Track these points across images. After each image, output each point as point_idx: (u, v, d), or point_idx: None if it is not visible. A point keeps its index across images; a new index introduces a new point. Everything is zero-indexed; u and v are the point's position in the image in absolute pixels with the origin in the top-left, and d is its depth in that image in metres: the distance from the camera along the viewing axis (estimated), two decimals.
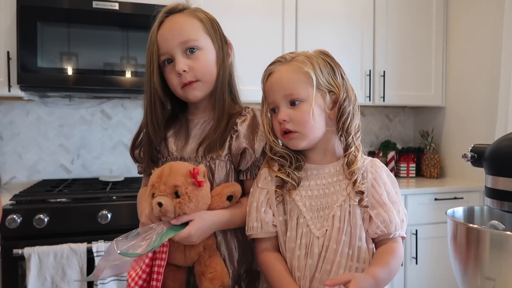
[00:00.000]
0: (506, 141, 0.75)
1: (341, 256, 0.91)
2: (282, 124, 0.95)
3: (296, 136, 0.95)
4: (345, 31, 2.63)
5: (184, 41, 1.02)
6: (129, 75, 2.16)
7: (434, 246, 2.44)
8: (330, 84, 0.96)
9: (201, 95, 1.05)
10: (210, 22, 1.07)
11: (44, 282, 1.74)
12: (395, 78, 2.75)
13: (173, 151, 1.07)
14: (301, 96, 0.93)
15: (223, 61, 1.07)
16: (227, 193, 0.99)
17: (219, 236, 1.03)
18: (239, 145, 1.02)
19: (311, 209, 0.95)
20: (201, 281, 0.97)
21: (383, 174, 0.99)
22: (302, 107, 0.94)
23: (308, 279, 0.92)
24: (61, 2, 2.07)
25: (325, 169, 0.98)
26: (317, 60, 0.96)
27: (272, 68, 0.98)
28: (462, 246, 0.75)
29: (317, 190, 0.96)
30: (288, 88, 0.94)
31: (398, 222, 0.95)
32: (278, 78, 0.96)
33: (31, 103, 2.43)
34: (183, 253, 0.97)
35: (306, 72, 0.93)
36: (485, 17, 2.57)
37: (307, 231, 0.93)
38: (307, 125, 0.94)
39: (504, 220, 0.83)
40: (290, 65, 0.96)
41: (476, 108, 2.64)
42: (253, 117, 1.06)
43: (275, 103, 0.96)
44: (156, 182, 0.94)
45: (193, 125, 1.09)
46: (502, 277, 0.69)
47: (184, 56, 1.02)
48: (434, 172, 2.85)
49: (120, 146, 2.58)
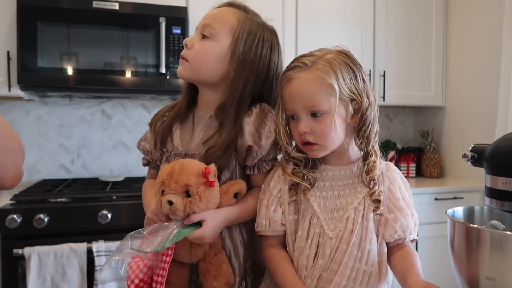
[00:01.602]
0: (506, 141, 0.75)
1: (349, 257, 0.91)
2: (303, 136, 0.92)
3: (316, 148, 0.93)
4: (345, 30, 2.63)
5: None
6: (129, 75, 2.16)
7: (434, 246, 2.44)
8: (352, 92, 0.92)
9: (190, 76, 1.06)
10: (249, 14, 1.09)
11: (44, 282, 1.74)
12: (395, 78, 2.75)
13: (178, 145, 1.07)
14: (323, 108, 0.90)
15: (244, 62, 1.05)
16: (233, 190, 0.99)
17: (224, 232, 1.02)
18: (244, 143, 1.01)
19: (325, 210, 0.94)
20: (206, 279, 0.97)
21: (398, 177, 0.99)
22: (324, 119, 0.91)
23: (316, 279, 0.92)
24: (61, 2, 2.07)
25: (340, 171, 0.97)
26: (339, 66, 0.91)
27: (292, 75, 0.92)
28: (462, 246, 0.75)
29: (332, 191, 0.96)
30: (310, 100, 0.90)
31: (412, 225, 0.96)
32: (299, 88, 0.91)
33: (31, 103, 2.43)
34: (188, 250, 0.97)
35: (329, 84, 0.89)
36: (485, 17, 2.57)
37: (321, 232, 0.93)
38: (328, 138, 0.92)
39: (504, 220, 0.83)
40: (311, 73, 0.90)
41: (476, 108, 2.64)
42: (258, 112, 1.04)
43: (295, 111, 0.93)
44: (167, 180, 0.92)
45: (199, 120, 1.08)
46: (502, 277, 0.69)
47: None
48: (434, 172, 2.85)
49: (120, 146, 2.58)
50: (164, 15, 2.15)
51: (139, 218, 1.08)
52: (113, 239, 1.82)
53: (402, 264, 0.93)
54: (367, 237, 0.92)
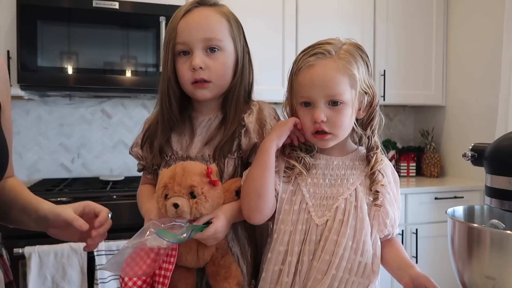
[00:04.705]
0: (506, 140, 0.75)
1: (344, 249, 0.91)
2: (317, 124, 0.91)
3: (329, 138, 0.93)
4: (345, 30, 2.62)
5: (209, 38, 0.99)
6: (129, 74, 2.15)
7: (434, 245, 2.44)
8: (367, 85, 0.93)
9: (210, 96, 1.03)
10: (237, 25, 1.05)
11: (45, 281, 1.74)
12: (395, 77, 2.75)
13: (178, 149, 1.06)
14: (344, 98, 0.90)
15: (242, 66, 1.05)
16: (235, 188, 0.99)
17: (229, 234, 1.02)
18: (250, 140, 1.02)
19: (314, 196, 0.95)
20: (217, 281, 0.96)
21: (389, 172, 1.00)
22: (342, 109, 0.90)
23: (306, 265, 0.92)
24: (61, 1, 2.07)
25: (334, 161, 0.98)
26: (359, 58, 0.93)
27: (314, 61, 0.91)
28: (462, 245, 0.75)
29: (323, 179, 0.96)
30: (332, 88, 0.89)
31: (397, 221, 0.98)
32: (322, 75, 0.90)
33: (31, 102, 2.43)
34: (195, 254, 0.95)
35: (353, 75, 0.89)
36: (486, 16, 2.56)
37: (308, 218, 0.93)
38: (342, 128, 0.92)
39: (504, 219, 0.83)
40: (335, 62, 0.90)
41: (476, 107, 2.64)
42: (259, 110, 1.05)
43: (312, 99, 0.92)
44: (169, 183, 0.90)
45: (198, 123, 1.08)
46: (502, 276, 0.69)
47: (203, 52, 1.00)
48: (434, 171, 2.85)
49: (121, 145, 2.58)
50: (164, 14, 2.14)
51: (139, 218, 1.07)
52: (113, 238, 1.82)
53: (395, 256, 0.96)
54: (362, 229, 0.92)
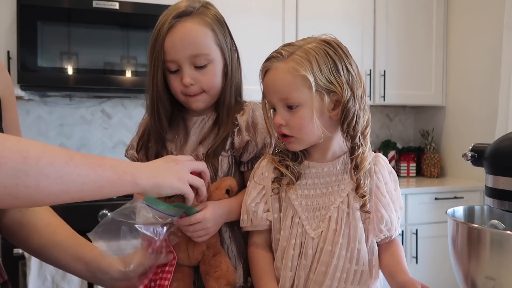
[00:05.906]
0: (507, 141, 0.75)
1: (338, 259, 0.89)
2: (279, 128, 0.90)
3: (293, 141, 0.91)
4: (345, 30, 2.63)
5: (195, 55, 0.99)
6: (129, 74, 2.16)
7: (434, 246, 2.44)
8: (330, 83, 0.88)
9: (204, 106, 1.04)
10: (221, 27, 1.04)
11: (45, 282, 1.74)
12: (395, 77, 2.75)
13: (172, 150, 1.07)
14: (297, 100, 0.87)
15: (231, 69, 1.05)
16: (225, 186, 0.99)
17: (226, 233, 1.02)
18: (242, 139, 1.02)
19: (306, 209, 0.92)
20: (207, 280, 0.96)
21: (385, 172, 0.96)
22: (299, 111, 0.88)
23: (303, 279, 0.91)
24: (61, 1, 2.07)
25: (324, 167, 0.95)
26: (317, 56, 0.87)
27: (268, 65, 0.90)
28: (463, 245, 0.75)
29: (314, 189, 0.94)
30: (283, 92, 0.88)
31: (397, 222, 0.95)
32: (273, 79, 0.89)
33: (31, 102, 2.43)
34: (185, 253, 0.96)
35: (302, 76, 0.86)
36: (486, 17, 2.57)
37: (302, 231, 0.91)
38: (303, 130, 0.89)
39: (504, 219, 0.83)
40: (286, 64, 0.87)
41: (476, 108, 2.64)
42: (251, 111, 1.06)
43: (272, 103, 0.92)
44: None
45: (192, 124, 1.09)
46: (503, 276, 0.69)
47: (191, 68, 1.00)
48: (434, 172, 2.85)
49: (121, 145, 2.58)
50: None
51: None
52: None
53: (389, 261, 0.93)
54: (356, 237, 0.90)
